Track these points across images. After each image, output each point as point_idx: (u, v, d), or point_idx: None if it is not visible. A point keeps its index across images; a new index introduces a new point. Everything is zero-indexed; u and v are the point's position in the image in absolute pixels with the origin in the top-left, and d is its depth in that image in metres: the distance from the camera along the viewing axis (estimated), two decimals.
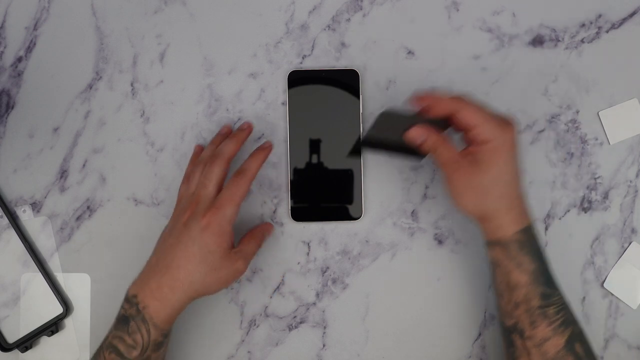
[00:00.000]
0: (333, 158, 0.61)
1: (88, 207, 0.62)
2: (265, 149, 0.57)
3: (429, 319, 0.61)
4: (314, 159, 0.61)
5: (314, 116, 0.61)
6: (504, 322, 0.53)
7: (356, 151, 0.59)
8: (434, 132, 0.51)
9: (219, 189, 0.54)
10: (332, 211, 0.61)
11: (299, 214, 0.61)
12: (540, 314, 0.50)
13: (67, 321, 0.62)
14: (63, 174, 0.63)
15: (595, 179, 0.62)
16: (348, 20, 0.63)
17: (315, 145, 0.61)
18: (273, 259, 0.62)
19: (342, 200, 0.61)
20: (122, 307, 0.53)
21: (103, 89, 0.63)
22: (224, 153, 0.55)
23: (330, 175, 0.61)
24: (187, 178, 0.57)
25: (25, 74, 0.63)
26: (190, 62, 0.63)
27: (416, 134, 0.51)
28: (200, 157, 0.57)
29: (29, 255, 0.61)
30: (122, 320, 0.52)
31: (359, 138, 0.59)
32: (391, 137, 0.53)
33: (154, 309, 0.51)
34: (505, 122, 0.50)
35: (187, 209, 0.53)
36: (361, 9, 0.63)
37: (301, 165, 0.61)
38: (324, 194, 0.61)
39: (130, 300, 0.52)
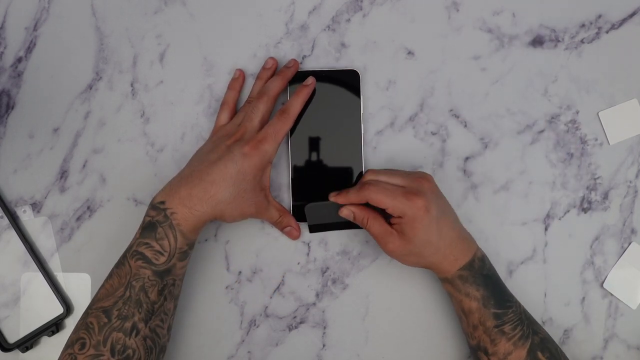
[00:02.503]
0: (334, 158, 0.61)
1: (88, 208, 0.62)
2: (308, 86, 0.59)
3: (429, 319, 0.61)
4: (315, 159, 0.61)
5: (315, 116, 0.61)
6: (469, 343, 0.56)
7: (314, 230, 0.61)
8: (361, 208, 0.55)
9: (263, 124, 0.57)
10: None
11: (300, 214, 0.61)
12: (497, 332, 0.53)
13: (68, 321, 0.62)
14: (63, 174, 0.63)
15: (595, 179, 0.62)
16: (348, 20, 0.63)
17: (316, 145, 0.61)
18: (273, 259, 0.62)
19: None
20: (147, 215, 0.53)
21: (103, 89, 0.63)
22: (270, 91, 0.58)
23: (332, 175, 0.61)
24: (227, 104, 0.61)
25: (25, 74, 0.63)
26: (190, 62, 0.63)
27: (346, 213, 0.56)
28: (250, 93, 0.61)
29: (29, 256, 0.61)
30: (149, 227, 0.53)
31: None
32: (331, 219, 0.58)
33: (182, 216, 0.52)
34: (412, 192, 0.53)
35: (232, 136, 0.56)
36: (361, 9, 0.63)
37: (302, 165, 0.61)
38: (326, 193, 0.61)
39: (156, 206, 0.53)
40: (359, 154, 0.61)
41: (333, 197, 0.56)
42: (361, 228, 0.58)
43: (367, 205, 0.55)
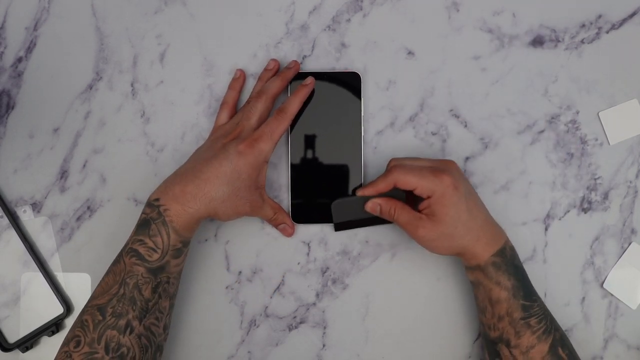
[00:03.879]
0: (334, 158, 0.61)
1: (88, 207, 0.62)
2: (307, 85, 0.59)
3: (428, 319, 0.61)
4: (315, 160, 0.61)
5: (315, 117, 0.61)
6: (488, 335, 0.55)
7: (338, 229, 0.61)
8: (386, 200, 0.55)
9: (261, 123, 0.57)
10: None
11: (299, 215, 0.61)
12: (523, 325, 0.53)
13: (68, 321, 0.62)
14: (63, 174, 0.63)
15: (595, 179, 0.62)
16: (348, 20, 0.63)
17: (316, 146, 0.61)
18: (273, 259, 0.62)
19: None
20: (143, 212, 0.54)
21: (103, 90, 0.63)
22: (269, 90, 0.58)
23: (332, 176, 0.61)
24: (226, 104, 0.61)
25: (25, 74, 0.63)
26: (190, 62, 0.63)
27: (372, 207, 0.56)
28: (251, 94, 0.61)
29: (29, 255, 0.61)
30: (143, 225, 0.53)
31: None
32: (356, 215, 0.59)
33: (175, 212, 0.52)
34: (439, 170, 0.53)
35: (229, 134, 0.56)
36: (361, 10, 0.63)
37: (302, 166, 0.61)
38: (326, 194, 0.61)
39: (151, 204, 0.53)
40: (358, 155, 0.61)
41: (360, 192, 0.56)
42: (387, 223, 0.58)
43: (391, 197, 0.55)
